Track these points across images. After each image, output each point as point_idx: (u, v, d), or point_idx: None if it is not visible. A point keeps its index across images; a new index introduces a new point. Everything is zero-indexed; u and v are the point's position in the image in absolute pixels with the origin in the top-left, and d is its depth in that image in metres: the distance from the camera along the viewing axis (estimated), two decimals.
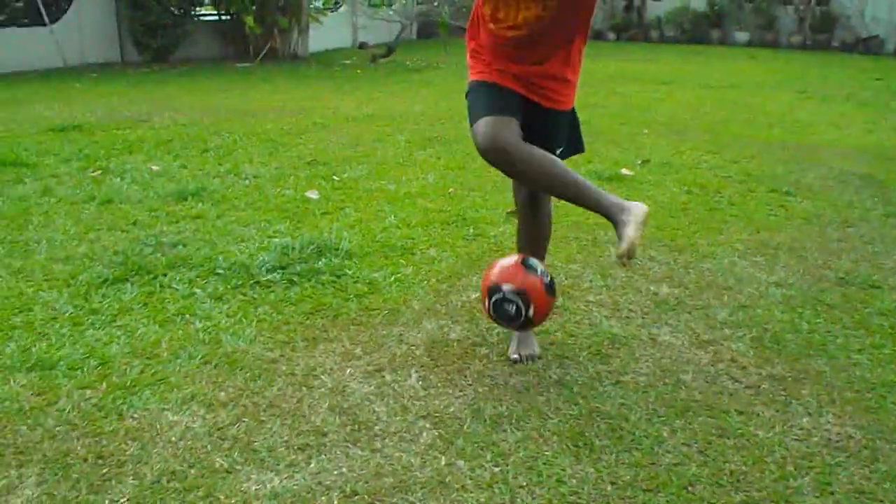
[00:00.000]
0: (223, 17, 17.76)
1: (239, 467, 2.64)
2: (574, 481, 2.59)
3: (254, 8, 16.33)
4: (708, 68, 15.60)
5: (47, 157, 7.03)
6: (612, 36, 24.20)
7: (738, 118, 9.54)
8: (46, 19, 14.90)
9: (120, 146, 7.52)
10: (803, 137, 8.44)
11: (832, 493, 2.55)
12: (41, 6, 14.78)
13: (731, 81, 13.26)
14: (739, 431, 2.88)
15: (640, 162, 7.02)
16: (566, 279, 4.25)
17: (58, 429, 2.85)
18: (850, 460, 2.72)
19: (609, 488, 2.56)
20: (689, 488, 2.56)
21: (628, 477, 2.62)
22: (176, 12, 16.23)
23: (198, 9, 17.73)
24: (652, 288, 4.16)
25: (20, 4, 15.46)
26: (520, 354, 3.37)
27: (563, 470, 2.64)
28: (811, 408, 3.05)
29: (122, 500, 2.48)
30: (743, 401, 3.09)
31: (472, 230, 5.04)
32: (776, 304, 3.99)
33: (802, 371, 3.33)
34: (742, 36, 22.41)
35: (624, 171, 6.58)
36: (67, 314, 3.78)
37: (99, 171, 6.51)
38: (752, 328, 3.72)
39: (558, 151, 3.21)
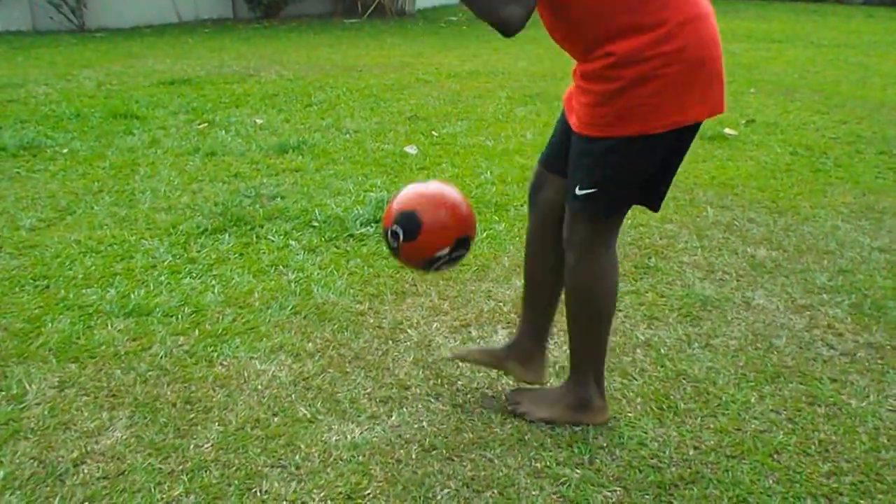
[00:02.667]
0: None
1: (321, 417, 2.65)
2: (656, 444, 2.52)
3: None
4: (822, 27, 15.02)
5: (157, 109, 7.17)
6: None
7: (850, 78, 9.16)
8: None
9: (226, 100, 7.61)
10: None
11: None
12: None
13: (845, 41, 12.75)
14: (831, 400, 2.77)
15: (744, 121, 6.80)
16: (661, 239, 4.14)
17: (150, 374, 2.90)
18: None
19: (692, 453, 2.49)
20: (775, 456, 2.47)
21: (712, 442, 2.54)
22: None
23: None
24: (749, 250, 4.03)
25: None
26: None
27: (645, 432, 2.58)
28: None
29: (206, 446, 2.51)
30: (837, 368, 2.97)
31: None
32: (878, 269, 3.82)
33: None
34: None
35: (727, 130, 6.38)
36: (166, 262, 3.84)
37: (205, 124, 6.61)
38: (852, 294, 3.57)
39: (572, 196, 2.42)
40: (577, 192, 2.35)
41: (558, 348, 3.08)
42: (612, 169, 2.31)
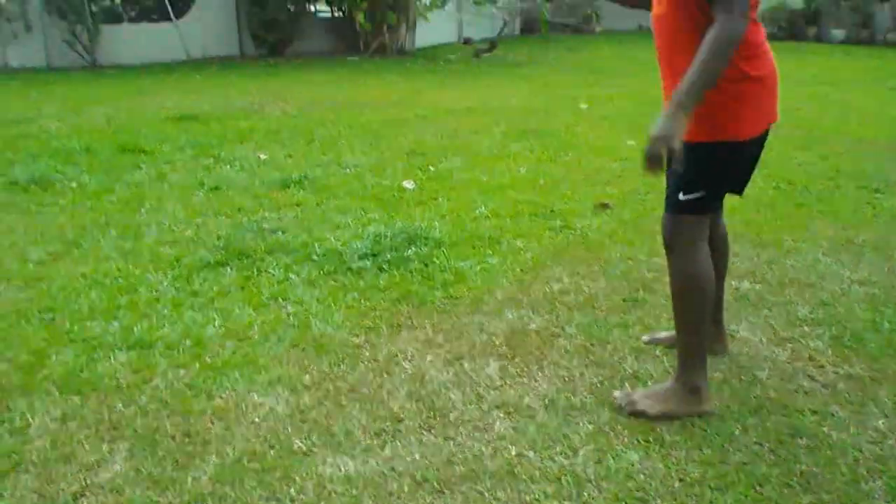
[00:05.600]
0: (336, 15, 17.91)
1: (316, 450, 2.61)
2: (642, 476, 2.48)
3: (365, 5, 16.36)
4: (803, 64, 15.05)
5: (164, 144, 7.17)
6: None
7: (829, 114, 9.17)
8: (172, 16, 15.23)
9: (231, 135, 7.61)
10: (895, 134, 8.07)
11: None
12: (167, 3, 15.10)
13: (825, 78, 12.78)
14: (812, 432, 2.72)
15: None
16: (649, 273, 4.11)
17: (150, 406, 2.86)
18: None
19: (677, 485, 2.45)
20: (758, 488, 2.43)
21: (697, 474, 2.50)
22: (292, 9, 16.45)
23: (313, 6, 17.98)
24: (734, 283, 3.99)
25: (149, 2, 15.85)
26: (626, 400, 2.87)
27: (632, 465, 2.54)
28: (888, 410, 2.86)
29: (203, 478, 2.47)
30: (818, 400, 2.93)
31: (559, 222, 4.93)
32: (858, 302, 3.79)
33: (881, 371, 3.14)
34: (838, 33, 21.55)
35: None
36: (169, 295, 3.81)
37: (210, 159, 6.60)
38: (833, 326, 3.53)
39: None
40: (681, 197, 2.67)
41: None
42: (714, 172, 2.68)
